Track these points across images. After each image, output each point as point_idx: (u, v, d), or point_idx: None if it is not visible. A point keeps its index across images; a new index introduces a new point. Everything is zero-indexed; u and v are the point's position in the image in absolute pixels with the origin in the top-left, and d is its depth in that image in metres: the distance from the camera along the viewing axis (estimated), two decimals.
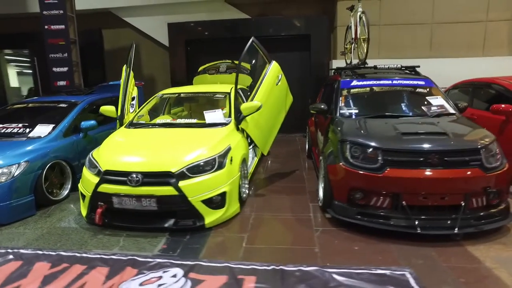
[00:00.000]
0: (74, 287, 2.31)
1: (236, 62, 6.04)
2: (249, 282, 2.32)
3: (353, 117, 3.73)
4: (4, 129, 4.12)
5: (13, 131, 4.06)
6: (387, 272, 2.39)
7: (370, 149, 2.99)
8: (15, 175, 3.42)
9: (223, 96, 4.55)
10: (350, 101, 3.95)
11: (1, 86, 9.25)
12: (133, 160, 3.26)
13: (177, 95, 4.91)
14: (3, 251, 2.83)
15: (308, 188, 4.24)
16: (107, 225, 3.19)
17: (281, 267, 2.47)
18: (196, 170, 3.16)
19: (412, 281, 2.28)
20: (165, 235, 3.06)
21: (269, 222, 3.36)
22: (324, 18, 7.76)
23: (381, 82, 4.08)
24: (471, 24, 7.50)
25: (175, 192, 3.02)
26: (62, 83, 6.76)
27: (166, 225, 3.12)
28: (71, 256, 2.71)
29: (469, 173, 2.82)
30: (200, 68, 6.65)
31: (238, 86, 5.10)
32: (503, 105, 4.30)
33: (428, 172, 2.81)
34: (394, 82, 4.06)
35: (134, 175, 3.05)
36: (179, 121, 4.21)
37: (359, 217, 3.02)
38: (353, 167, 3.03)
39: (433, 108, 3.71)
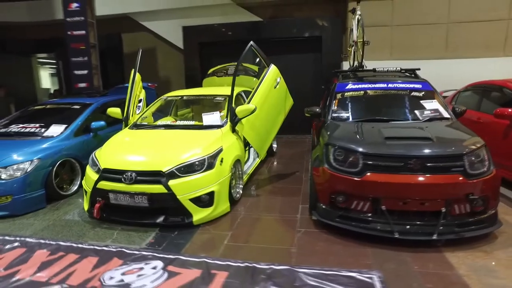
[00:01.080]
0: (64, 273, 2.57)
1: (245, 64, 6.18)
2: (221, 277, 2.47)
3: (345, 121, 3.77)
4: (24, 128, 4.52)
5: (30, 130, 4.45)
6: (356, 274, 2.46)
7: (351, 153, 3.05)
8: (28, 171, 3.77)
9: (223, 98, 4.72)
10: (343, 104, 3.99)
11: (33, 87, 9.96)
12: (128, 159, 3.50)
13: (180, 97, 5.13)
14: (12, 239, 3.16)
15: (304, 190, 4.32)
16: (105, 219, 3.45)
17: (254, 264, 2.60)
18: (185, 170, 3.35)
19: (377, 285, 2.33)
20: (155, 230, 3.28)
21: (256, 222, 3.49)
22: (336, 20, 7.74)
23: (376, 85, 4.08)
24: (491, 23, 7.20)
25: (164, 190, 3.22)
26: (82, 85, 7.21)
27: (157, 221, 3.34)
28: (68, 246, 2.98)
29: (450, 179, 2.81)
30: (210, 71, 6.87)
31: (243, 89, 5.28)
32: (510, 109, 4.17)
33: (407, 177, 2.83)
34: (390, 85, 4.05)
35: (129, 174, 3.29)
36: (178, 122, 4.43)
37: (339, 220, 3.08)
38: (335, 170, 3.09)
39: (426, 112, 3.67)
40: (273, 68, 4.66)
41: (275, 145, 6.39)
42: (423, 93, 3.95)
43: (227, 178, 3.64)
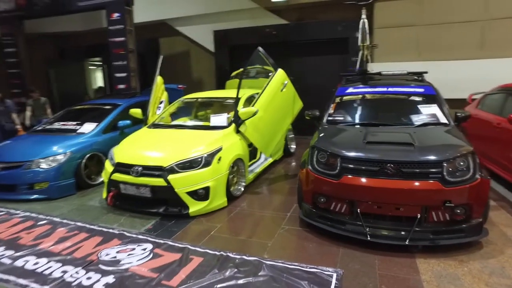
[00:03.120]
0: (73, 248, 3.09)
1: (266, 67, 6.44)
2: (195, 262, 2.80)
3: (338, 124, 3.87)
4: (64, 125, 5.27)
5: (68, 127, 5.18)
6: (317, 271, 2.63)
7: (332, 156, 3.17)
8: (61, 162, 4.45)
9: (233, 101, 5.03)
10: (340, 108, 4.07)
11: (85, 87, 11.19)
12: (137, 155, 3.97)
13: (195, 99, 5.55)
14: (43, 217, 3.81)
15: None
16: (117, 206, 3.97)
17: (227, 254, 2.89)
18: (184, 166, 3.73)
19: (333, 282, 2.48)
20: (156, 218, 3.71)
21: (247, 217, 3.76)
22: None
23: (376, 89, 4.10)
24: None
25: (164, 183, 3.63)
26: (121, 86, 8.01)
27: (160, 210, 3.76)
28: (82, 226, 3.53)
29: (425, 185, 2.82)
30: (233, 73, 7.24)
31: (258, 91, 5.54)
32: None
33: (381, 182, 2.90)
34: (390, 89, 4.05)
35: (136, 168, 3.76)
36: (188, 123, 4.84)
37: (319, 219, 3.23)
38: (317, 172, 3.24)
39: (421, 117, 3.64)
40: (279, 72, 4.88)
41: (293, 146, 6.57)
42: (424, 97, 3.89)
43: (225, 175, 3.95)
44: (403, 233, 2.89)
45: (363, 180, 2.96)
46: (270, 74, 6.40)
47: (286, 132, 6.06)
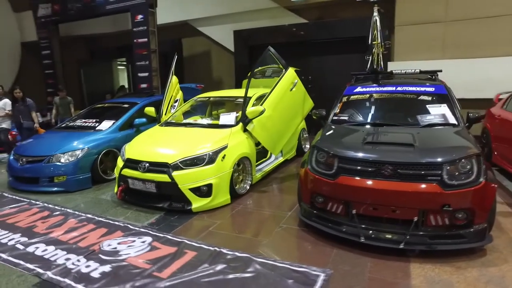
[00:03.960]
0: (80, 237, 3.29)
1: (282, 67, 6.44)
2: (189, 256, 2.89)
3: (343, 124, 3.81)
4: (85, 123, 5.58)
5: (88, 125, 5.48)
6: (305, 270, 2.62)
7: (330, 156, 3.14)
8: (79, 157, 4.72)
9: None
10: (346, 108, 4.00)
11: (113, 86, 11.75)
12: (146, 152, 4.13)
13: (207, 98, 5.67)
14: (58, 208, 4.07)
15: None
16: (126, 200, 4.16)
17: (221, 249, 2.95)
18: (188, 163, 3.84)
19: (319, 283, 2.47)
20: (161, 213, 3.84)
21: (248, 215, 3.80)
22: (382, 19, 7.40)
23: (384, 89, 3.99)
24: None
25: (168, 180, 3.76)
26: (144, 85, 8.34)
27: (165, 205, 3.90)
28: (91, 218, 3.74)
29: (422, 188, 2.72)
30: (250, 73, 7.28)
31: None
32: None
33: (376, 183, 2.83)
34: (398, 89, 3.92)
35: (143, 163, 3.92)
36: (199, 121, 4.96)
37: (316, 219, 3.21)
38: (315, 172, 3.21)
39: (428, 117, 3.49)
40: (289, 71, 4.87)
41: (308, 145, 6.51)
42: (434, 96, 3.73)
43: (228, 173, 4.02)
44: (398, 236, 2.80)
45: (359, 180, 2.90)
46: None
47: (299, 131, 6.05)
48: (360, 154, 2.99)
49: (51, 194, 4.61)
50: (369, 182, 2.86)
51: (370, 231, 2.88)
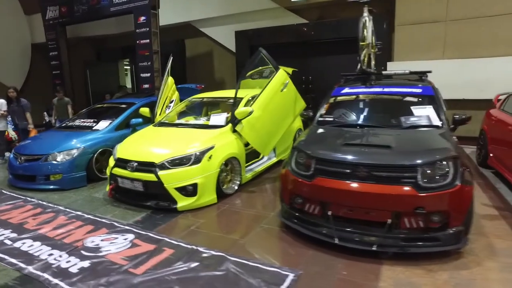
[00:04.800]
0: (66, 234, 3.40)
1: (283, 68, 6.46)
2: (167, 253, 2.96)
3: (327, 125, 3.80)
4: (83, 122, 5.74)
5: (86, 124, 5.63)
6: (275, 270, 2.65)
7: (308, 157, 3.15)
8: (74, 156, 4.86)
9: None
10: (332, 109, 4.00)
11: (118, 86, 12.00)
12: (135, 151, 4.23)
13: (201, 99, 5.74)
14: (51, 205, 4.22)
15: None
16: (116, 198, 4.27)
17: (197, 248, 3.01)
18: (174, 162, 3.91)
19: (287, 282, 2.50)
20: (147, 211, 3.93)
21: (232, 215, 3.84)
22: (382, 18, 7.33)
23: (371, 90, 3.97)
24: None
25: (155, 179, 3.84)
26: (146, 86, 8.49)
27: (152, 204, 3.98)
28: (80, 215, 3.86)
29: (395, 190, 2.71)
30: (248, 73, 7.33)
31: None
32: None
33: (351, 185, 2.83)
34: (385, 90, 3.90)
35: (132, 163, 4.02)
36: (190, 122, 5.03)
37: (294, 220, 3.23)
38: (294, 173, 3.24)
39: (412, 119, 3.46)
40: (280, 72, 4.89)
41: None
42: (420, 98, 3.70)
43: (215, 173, 4.08)
44: (372, 238, 2.80)
45: (334, 182, 2.91)
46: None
47: (295, 131, 6.06)
48: (336, 156, 3.00)
49: (47, 191, 4.76)
50: (344, 184, 2.86)
51: (345, 233, 2.89)
